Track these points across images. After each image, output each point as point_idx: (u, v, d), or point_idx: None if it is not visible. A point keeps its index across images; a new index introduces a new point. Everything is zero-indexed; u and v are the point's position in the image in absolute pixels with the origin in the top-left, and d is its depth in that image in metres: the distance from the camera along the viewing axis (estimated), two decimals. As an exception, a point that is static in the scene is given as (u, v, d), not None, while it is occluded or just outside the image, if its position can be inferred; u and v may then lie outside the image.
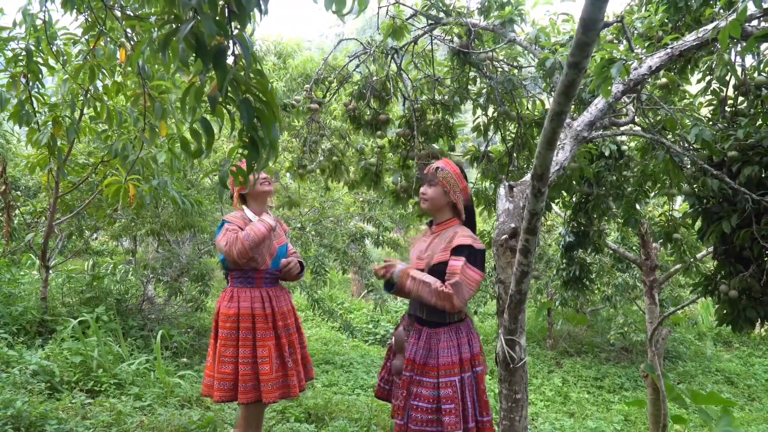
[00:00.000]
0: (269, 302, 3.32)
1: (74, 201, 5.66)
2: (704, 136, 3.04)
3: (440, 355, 2.75)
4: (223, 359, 3.19)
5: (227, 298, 3.30)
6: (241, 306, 3.25)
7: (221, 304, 3.29)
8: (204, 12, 1.63)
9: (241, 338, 3.21)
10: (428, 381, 2.74)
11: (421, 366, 2.78)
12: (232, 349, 3.20)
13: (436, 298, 2.66)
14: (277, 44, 10.77)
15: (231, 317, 3.23)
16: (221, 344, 3.22)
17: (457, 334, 2.82)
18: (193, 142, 2.20)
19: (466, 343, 2.82)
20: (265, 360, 3.19)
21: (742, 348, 12.21)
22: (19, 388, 3.81)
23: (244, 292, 3.29)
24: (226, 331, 3.22)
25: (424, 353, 2.79)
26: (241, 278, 3.34)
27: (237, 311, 3.24)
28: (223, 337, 3.22)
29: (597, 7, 1.50)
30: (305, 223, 8.52)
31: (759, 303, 3.21)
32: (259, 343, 3.22)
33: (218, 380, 3.18)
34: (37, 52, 3.58)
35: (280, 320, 3.32)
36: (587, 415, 8.04)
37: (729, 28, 2.29)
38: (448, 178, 2.82)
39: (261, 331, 3.24)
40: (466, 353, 2.79)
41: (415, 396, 2.76)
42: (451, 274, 2.67)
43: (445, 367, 2.73)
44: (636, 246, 8.00)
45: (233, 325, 3.23)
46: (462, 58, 3.88)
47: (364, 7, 2.10)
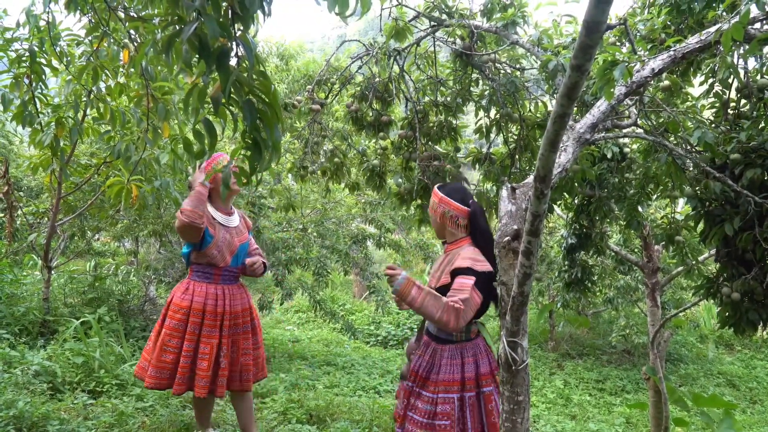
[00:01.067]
0: (223, 300, 3.37)
1: (77, 202, 5.66)
2: (707, 138, 3.03)
3: (441, 371, 2.76)
4: (165, 348, 3.26)
5: (182, 290, 3.36)
6: (195, 300, 3.31)
7: (175, 295, 3.36)
8: (207, 13, 1.63)
9: (188, 332, 3.28)
10: (426, 395, 2.76)
11: (422, 379, 2.81)
12: (177, 340, 3.27)
13: (442, 312, 2.59)
14: (280, 46, 10.78)
15: (183, 309, 3.30)
16: (167, 333, 3.28)
17: (461, 353, 2.82)
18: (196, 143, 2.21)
19: (472, 362, 2.81)
20: (205, 357, 3.26)
21: (744, 351, 12.18)
22: (21, 389, 3.81)
23: (200, 287, 3.35)
24: (175, 322, 3.29)
25: (427, 367, 2.81)
26: (199, 272, 3.38)
27: (189, 304, 3.30)
28: (170, 327, 3.29)
29: (600, 10, 1.50)
30: (307, 224, 8.52)
31: (761, 306, 3.20)
32: (203, 339, 3.28)
33: (155, 367, 3.25)
34: (41, 53, 3.59)
35: (228, 320, 3.36)
36: (589, 417, 8.03)
37: (732, 30, 2.28)
38: (432, 203, 2.88)
39: (207, 328, 3.30)
40: (469, 372, 2.78)
41: (412, 407, 2.79)
42: (458, 291, 2.64)
43: (445, 384, 2.74)
44: (638, 248, 7.99)
45: (183, 318, 3.29)
46: (464, 60, 3.89)
47: (367, 9, 2.10)
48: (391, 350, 10.39)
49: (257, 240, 7.56)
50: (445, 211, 2.85)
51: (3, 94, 3.64)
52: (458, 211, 2.85)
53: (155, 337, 3.37)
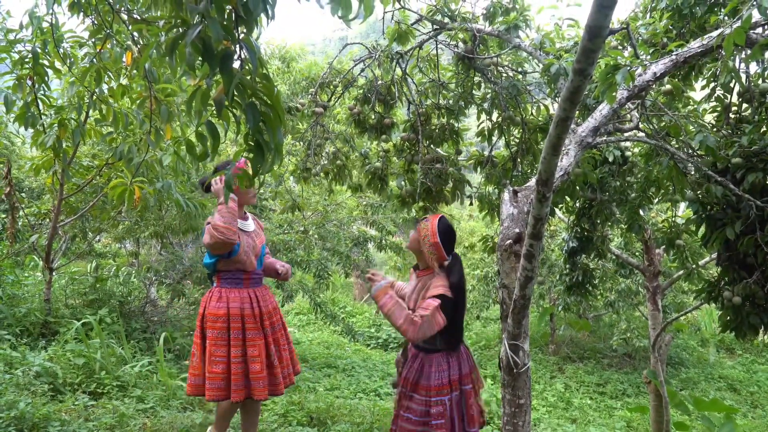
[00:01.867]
0: (257, 302, 3.39)
1: (78, 203, 5.67)
2: (708, 142, 3.04)
3: (432, 378, 3.04)
4: (213, 359, 3.25)
5: (215, 299, 3.33)
6: (231, 306, 3.30)
7: (209, 305, 3.34)
8: (211, 16, 1.64)
9: (232, 338, 3.27)
10: (418, 398, 3.04)
11: (413, 384, 3.08)
12: (223, 348, 3.26)
13: (403, 322, 2.86)
14: (282, 48, 10.80)
15: (221, 317, 3.28)
16: (212, 344, 3.27)
17: (447, 359, 3.09)
18: (199, 145, 2.22)
19: (456, 366, 3.09)
20: (256, 359, 3.27)
21: (745, 355, 12.16)
22: (22, 390, 3.81)
23: (233, 293, 3.34)
24: (216, 332, 3.27)
25: (416, 374, 3.09)
26: (229, 279, 3.38)
27: (227, 312, 3.29)
28: (213, 337, 3.27)
29: (603, 15, 1.51)
30: (308, 226, 8.53)
31: (762, 310, 3.20)
32: (249, 343, 3.29)
33: (209, 380, 3.24)
34: (44, 55, 3.60)
35: (267, 319, 3.40)
36: (589, 421, 8.02)
37: (734, 35, 2.29)
38: (423, 230, 3.05)
39: (251, 331, 3.31)
40: (454, 375, 3.07)
41: (407, 409, 3.06)
42: (424, 308, 2.89)
43: (436, 389, 3.02)
44: (639, 252, 7.99)
45: (224, 326, 3.28)
46: (467, 63, 3.89)
47: (370, 12, 2.11)
48: (392, 353, 10.39)
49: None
50: (431, 251, 3.05)
51: (6, 95, 3.65)
52: (440, 257, 3.07)
53: (200, 351, 3.35)
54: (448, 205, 4.14)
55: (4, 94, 3.65)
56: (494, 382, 8.46)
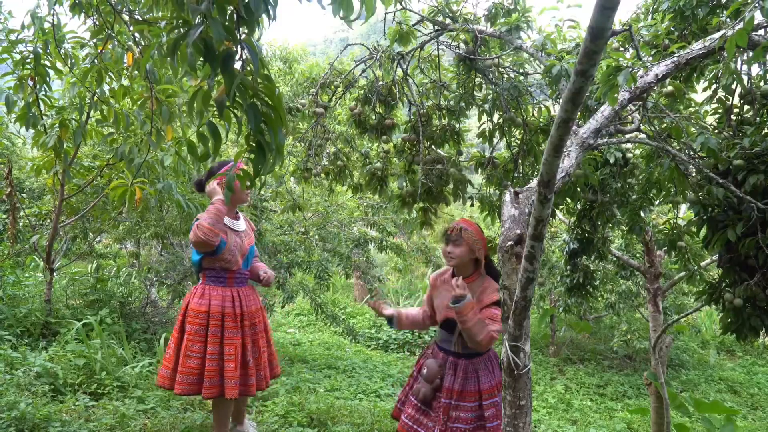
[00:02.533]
0: (239, 302, 3.45)
1: (79, 204, 5.67)
2: (710, 144, 3.03)
3: (481, 381, 3.13)
4: (189, 354, 3.31)
5: (198, 295, 3.41)
6: (212, 304, 3.37)
7: (191, 300, 3.41)
8: (212, 17, 1.64)
9: (210, 335, 3.33)
10: (467, 405, 3.10)
11: (458, 393, 3.11)
12: (200, 344, 3.33)
13: (485, 337, 2.96)
14: (283, 49, 10.80)
15: (201, 314, 3.35)
16: (189, 339, 3.34)
17: (491, 362, 3.23)
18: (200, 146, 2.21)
19: (498, 367, 3.21)
20: (231, 357, 3.33)
21: (745, 357, 12.15)
22: (22, 390, 3.81)
23: (216, 291, 3.41)
24: (195, 327, 3.35)
25: (461, 382, 3.13)
26: (213, 277, 3.45)
27: (208, 308, 3.36)
28: (191, 332, 3.34)
29: (605, 16, 1.51)
30: (309, 227, 8.52)
31: (764, 312, 3.19)
32: (226, 341, 3.35)
33: (182, 374, 3.30)
34: (45, 55, 3.61)
35: (247, 320, 3.47)
36: (590, 422, 8.01)
37: (736, 37, 2.29)
38: (473, 237, 3.13)
39: (229, 330, 3.37)
40: (498, 377, 3.17)
41: (455, 419, 3.08)
42: (494, 322, 3.02)
43: (487, 391, 3.12)
44: (640, 253, 7.97)
45: (203, 322, 3.35)
46: (468, 64, 3.89)
47: (372, 13, 2.11)
48: (392, 354, 10.38)
49: (259, 243, 7.57)
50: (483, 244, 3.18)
51: (7, 95, 3.65)
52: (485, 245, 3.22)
53: (176, 345, 3.41)
54: (448, 206, 4.14)
55: (5, 94, 3.66)
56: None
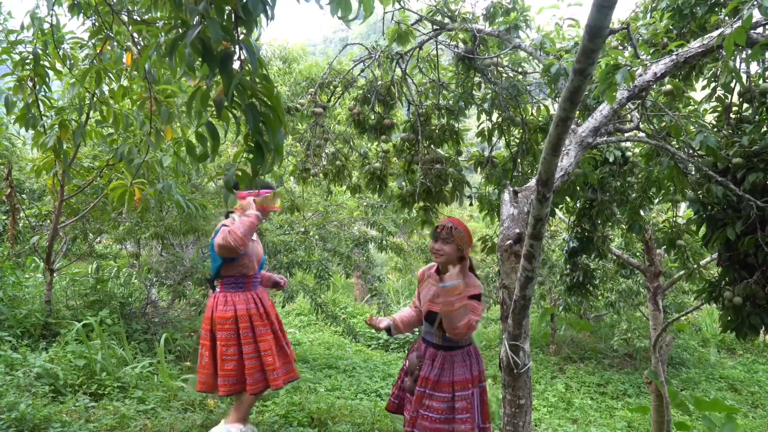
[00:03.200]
0: (260, 302, 3.66)
1: (79, 204, 5.67)
2: (709, 142, 3.03)
3: (455, 374, 3.16)
4: (225, 358, 3.49)
5: (222, 303, 3.58)
6: (237, 308, 3.55)
7: (217, 309, 3.58)
8: (210, 17, 1.64)
9: (242, 337, 3.52)
10: (440, 395, 3.14)
11: (433, 383, 3.17)
12: (234, 348, 3.51)
13: (464, 324, 2.97)
14: (283, 49, 10.80)
15: (229, 320, 3.52)
16: (222, 345, 3.52)
17: (468, 356, 3.24)
18: (199, 146, 2.22)
19: (476, 363, 3.26)
20: (268, 352, 3.54)
21: (745, 355, 12.15)
22: (23, 391, 3.81)
23: (238, 296, 3.59)
24: (226, 333, 3.52)
25: (437, 372, 3.18)
26: (232, 284, 3.62)
27: (234, 314, 3.54)
28: (223, 338, 3.52)
29: (603, 14, 1.51)
30: (309, 227, 8.53)
31: (763, 310, 3.19)
32: (259, 339, 3.55)
33: (222, 377, 3.49)
34: (44, 56, 3.61)
35: (271, 314, 3.69)
36: (590, 421, 8.01)
37: (734, 35, 2.29)
38: (462, 237, 3.14)
39: (259, 328, 3.57)
40: (475, 372, 3.22)
41: (427, 408, 3.14)
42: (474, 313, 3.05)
43: (460, 383, 3.14)
44: (640, 252, 7.98)
45: (232, 327, 3.53)
46: (467, 64, 3.89)
47: (370, 13, 2.11)
48: (393, 353, 10.39)
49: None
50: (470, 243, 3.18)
51: (7, 96, 3.65)
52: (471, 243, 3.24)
53: (209, 352, 3.57)
54: (447, 205, 4.14)
55: (5, 95, 3.66)
56: (495, 382, 8.45)
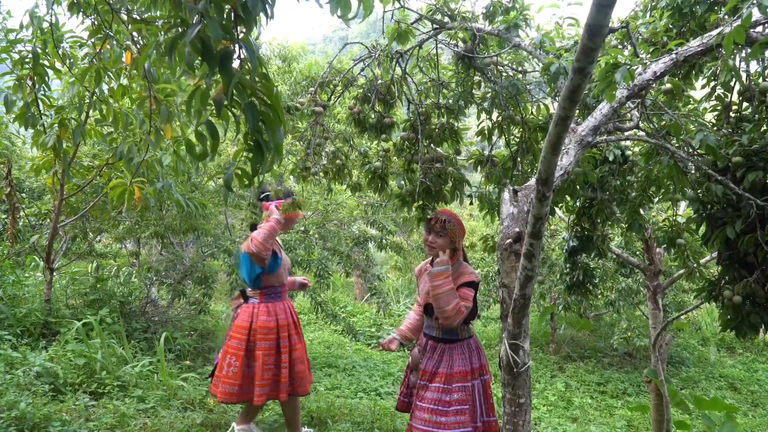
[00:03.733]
0: (292, 311, 3.83)
1: (79, 203, 5.67)
2: (709, 141, 3.03)
3: (454, 365, 3.22)
4: (266, 367, 3.58)
5: (264, 314, 3.66)
6: (279, 318, 3.70)
7: (258, 320, 3.64)
8: (210, 16, 1.64)
9: (281, 346, 3.66)
10: (434, 386, 3.19)
11: (430, 374, 3.23)
12: (273, 357, 3.62)
13: (453, 308, 3.05)
14: (282, 48, 10.80)
15: (272, 330, 3.65)
16: (265, 354, 3.59)
17: (468, 349, 3.30)
18: (198, 145, 2.22)
19: (476, 355, 3.32)
20: (299, 361, 3.71)
21: (745, 354, 12.16)
22: (23, 390, 3.81)
23: (278, 307, 3.74)
24: (269, 343, 3.62)
25: (435, 364, 3.25)
26: (272, 294, 3.75)
27: (276, 324, 3.67)
28: (265, 348, 3.61)
29: (603, 13, 1.51)
30: (308, 226, 8.52)
31: (763, 309, 3.19)
32: (295, 347, 3.72)
33: (260, 386, 3.55)
34: (44, 55, 3.61)
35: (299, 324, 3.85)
36: (590, 420, 8.02)
37: (734, 34, 2.29)
38: (456, 231, 3.24)
39: (294, 337, 3.74)
40: (476, 364, 3.29)
41: (421, 398, 3.20)
42: (465, 299, 3.12)
43: (459, 374, 3.20)
44: (640, 251, 7.99)
45: (275, 337, 3.65)
46: (467, 63, 3.89)
47: (370, 12, 2.11)
48: (393, 352, 10.38)
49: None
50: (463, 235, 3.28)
51: (6, 95, 3.65)
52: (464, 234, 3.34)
53: (241, 362, 3.57)
54: (447, 204, 4.14)
55: (4, 94, 3.66)
56: (494, 381, 8.46)
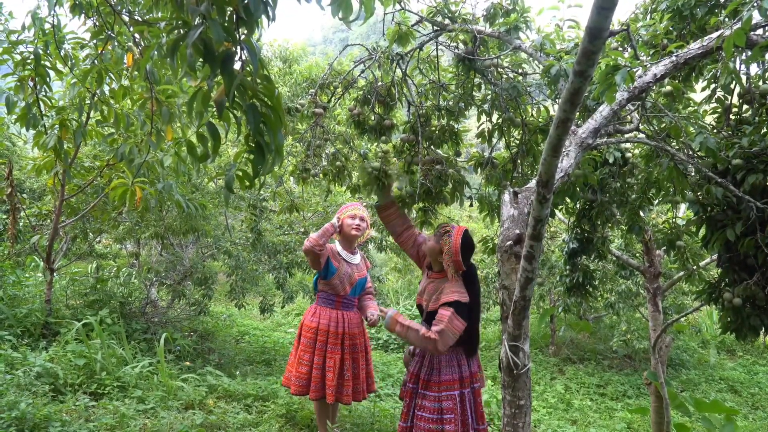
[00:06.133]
0: (342, 323, 4.01)
1: (79, 204, 5.67)
2: (709, 143, 3.04)
3: (442, 373, 3.23)
4: (301, 361, 3.95)
5: (311, 313, 4.05)
6: (321, 322, 3.97)
7: (306, 318, 4.07)
8: (212, 18, 1.65)
9: (317, 348, 3.94)
10: (431, 395, 3.21)
11: (424, 381, 3.26)
12: (309, 354, 3.94)
13: (421, 342, 3.11)
14: (284, 49, 10.81)
15: (312, 329, 3.98)
16: (302, 349, 3.98)
17: (457, 356, 3.29)
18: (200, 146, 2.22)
19: (465, 363, 3.30)
20: (331, 369, 3.90)
21: (745, 356, 12.15)
22: (23, 390, 3.81)
23: (325, 311, 4.02)
24: (307, 340, 3.97)
25: (428, 371, 3.27)
26: (324, 299, 4.06)
27: (317, 325, 3.97)
28: (304, 344, 3.98)
29: (603, 16, 1.51)
30: (308, 227, 8.53)
31: (763, 311, 3.20)
32: (328, 355, 3.92)
33: (296, 377, 3.96)
34: (45, 56, 3.61)
35: (348, 340, 4.00)
36: (590, 422, 8.02)
37: (734, 36, 2.29)
38: (449, 247, 3.22)
39: (331, 345, 3.94)
40: (465, 372, 3.28)
41: (420, 407, 3.23)
42: (438, 321, 3.10)
43: (446, 383, 3.21)
44: (639, 253, 7.98)
45: (313, 336, 3.96)
46: (467, 65, 3.89)
47: (371, 14, 2.12)
48: (392, 354, 10.39)
49: (258, 243, 7.58)
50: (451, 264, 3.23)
51: (8, 96, 3.65)
52: (459, 269, 3.27)
53: (295, 353, 4.07)
54: (447, 206, 4.15)
55: (6, 95, 3.66)
56: (494, 383, 8.46)
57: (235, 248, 7.65)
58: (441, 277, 3.33)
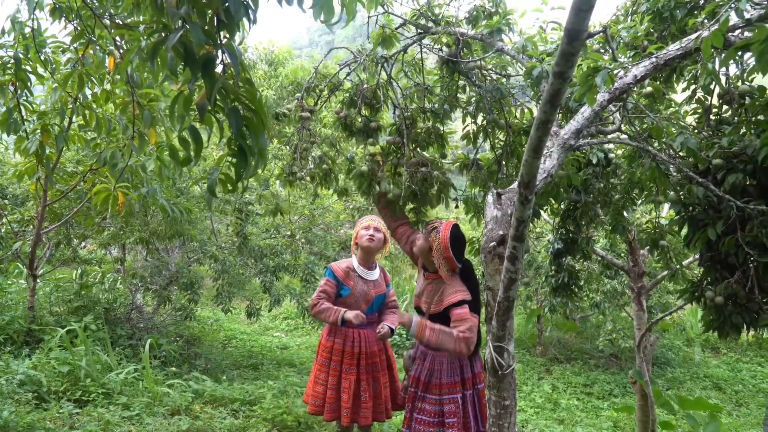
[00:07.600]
0: (358, 342, 3.87)
1: (62, 209, 5.62)
2: (689, 144, 3.07)
3: (443, 376, 3.18)
4: (317, 380, 3.91)
5: (327, 333, 3.96)
6: (336, 341, 3.88)
7: (323, 336, 3.99)
8: (192, 21, 1.64)
9: (331, 368, 3.86)
10: (431, 398, 3.18)
11: (425, 384, 3.22)
12: (324, 374, 3.88)
13: (457, 344, 3.00)
14: (269, 52, 10.78)
15: (327, 349, 3.91)
16: (317, 369, 3.93)
17: (458, 359, 3.24)
18: (182, 150, 2.21)
19: (467, 364, 3.26)
20: (346, 390, 3.80)
21: (729, 354, 12.28)
22: (5, 398, 3.77)
23: (341, 330, 3.88)
24: (323, 359, 3.91)
25: (428, 374, 3.22)
26: None
27: (332, 345, 3.89)
28: (320, 363, 3.93)
29: (581, 18, 1.53)
30: (295, 231, 8.51)
31: (744, 309, 3.23)
32: (344, 376, 3.83)
33: (312, 396, 3.91)
34: (26, 60, 3.58)
35: (365, 359, 3.87)
36: (577, 421, 8.06)
37: (711, 38, 2.32)
38: (437, 243, 3.17)
39: (346, 366, 3.85)
40: (467, 373, 3.24)
41: (419, 410, 3.20)
42: (461, 321, 3.05)
43: (448, 386, 3.17)
44: (624, 253, 8.05)
45: (328, 356, 3.89)
46: (451, 67, 3.91)
47: (352, 17, 2.12)
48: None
49: (244, 247, 7.54)
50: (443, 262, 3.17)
51: (-13, 101, 3.61)
52: (452, 267, 3.21)
53: (314, 370, 3.99)
54: (433, 208, 4.15)
55: (-15, 100, 3.62)
56: (482, 384, 8.46)
57: (221, 252, 7.61)
58: (439, 277, 3.27)
